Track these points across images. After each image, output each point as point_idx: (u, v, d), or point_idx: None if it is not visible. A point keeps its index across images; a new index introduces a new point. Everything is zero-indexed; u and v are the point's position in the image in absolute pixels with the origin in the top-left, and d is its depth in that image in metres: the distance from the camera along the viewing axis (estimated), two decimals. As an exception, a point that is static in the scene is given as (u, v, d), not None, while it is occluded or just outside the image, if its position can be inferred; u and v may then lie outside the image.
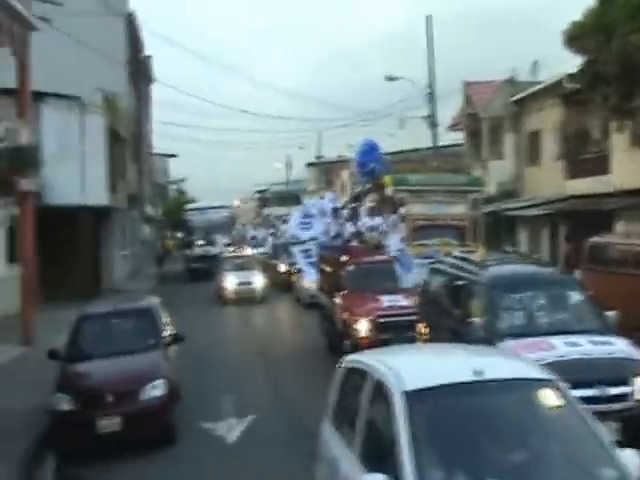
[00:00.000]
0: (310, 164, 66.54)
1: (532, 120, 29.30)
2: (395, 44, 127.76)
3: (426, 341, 11.55)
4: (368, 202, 20.60)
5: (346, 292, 15.40)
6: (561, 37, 19.43)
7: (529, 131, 29.68)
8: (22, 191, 16.88)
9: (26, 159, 16.02)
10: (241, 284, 27.39)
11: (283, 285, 29.45)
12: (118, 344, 11.16)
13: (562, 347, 8.63)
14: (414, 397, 5.10)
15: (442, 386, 5.22)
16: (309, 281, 20.71)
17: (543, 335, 8.99)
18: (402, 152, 40.81)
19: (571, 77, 22.73)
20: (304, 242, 17.24)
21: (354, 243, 18.02)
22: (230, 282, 27.56)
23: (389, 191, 20.28)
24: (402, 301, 14.29)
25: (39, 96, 22.54)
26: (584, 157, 25.36)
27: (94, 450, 9.70)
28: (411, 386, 5.20)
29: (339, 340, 14.93)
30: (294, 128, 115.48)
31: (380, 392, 5.43)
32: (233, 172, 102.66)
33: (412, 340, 12.27)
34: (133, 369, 10.52)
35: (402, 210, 18.97)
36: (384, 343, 12.92)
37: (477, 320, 9.45)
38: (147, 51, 42.60)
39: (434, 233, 19.59)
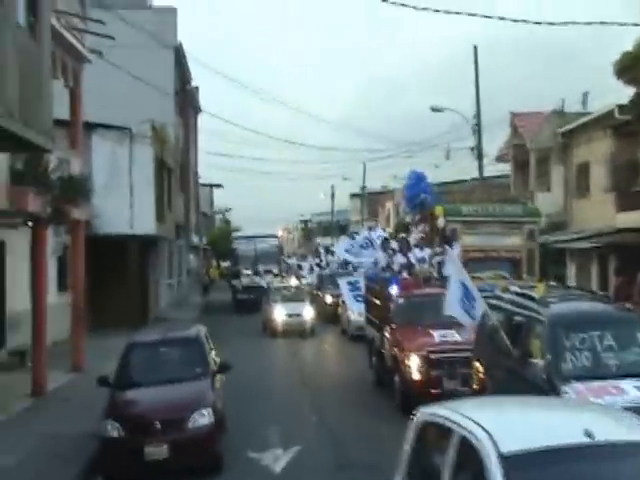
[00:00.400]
0: (354, 195, 66.69)
1: (581, 151, 28.95)
2: (439, 73, 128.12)
3: (482, 381, 11.01)
4: (417, 233, 20.30)
5: (396, 326, 14.78)
6: (612, 68, 19.33)
7: (578, 163, 29.31)
8: (74, 220, 17.23)
9: (77, 188, 16.36)
10: (290, 316, 26.86)
11: (329, 317, 29.09)
12: (166, 372, 11.26)
13: (633, 391, 8.18)
14: (513, 462, 4.28)
15: (547, 449, 4.37)
16: (355, 313, 20.33)
17: (611, 378, 8.54)
18: (447, 183, 40.63)
19: (622, 108, 22.52)
20: (352, 271, 17.12)
21: (404, 275, 17.42)
22: (279, 313, 27.08)
23: (440, 222, 19.76)
24: (455, 336, 13.49)
25: (90, 127, 23.06)
26: (635, 189, 24.93)
27: (142, 477, 9.72)
28: (509, 448, 4.37)
29: (388, 375, 14.56)
30: (337, 159, 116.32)
31: (468, 454, 4.62)
32: (277, 202, 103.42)
33: (466, 378, 11.79)
34: (180, 397, 10.58)
35: (458, 242, 18.33)
36: (436, 380, 12.86)
37: (538, 361, 9.01)
38: (194, 81, 43.42)
39: (487, 266, 18.86)
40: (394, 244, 18.82)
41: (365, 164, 57.84)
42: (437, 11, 15.04)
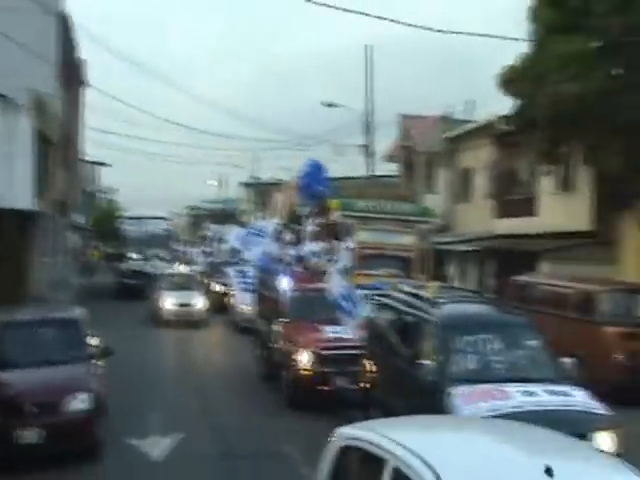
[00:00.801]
0: (244, 184, 66.50)
1: (465, 157, 30.16)
2: (335, 70, 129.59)
3: (371, 379, 11.04)
4: (312, 226, 19.95)
5: (287, 320, 14.43)
6: (496, 79, 20.18)
7: (462, 168, 30.52)
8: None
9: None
10: (181, 305, 25.61)
11: (217, 306, 27.82)
12: (41, 354, 10.87)
13: (518, 397, 8.20)
14: None
15: None
16: (245, 304, 19.71)
17: (497, 382, 8.51)
18: (337, 179, 41.25)
19: (504, 119, 23.58)
20: (242, 260, 16.95)
21: (296, 268, 17.05)
22: (168, 302, 25.69)
23: (336, 216, 19.48)
24: (347, 333, 13.14)
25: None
26: (512, 198, 26.24)
27: (15, 462, 9.44)
28: None
29: (276, 369, 14.40)
30: (229, 146, 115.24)
31: None
32: (165, 186, 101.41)
33: (356, 375, 11.80)
34: (56, 380, 10.28)
35: (350, 238, 17.94)
36: (327, 377, 12.78)
37: (428, 362, 8.88)
38: (82, 55, 41.88)
39: (381, 263, 18.79)
40: (288, 235, 18.71)
41: (257, 154, 57.84)
42: (331, 7, 15.10)
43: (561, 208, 22.60)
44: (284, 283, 15.25)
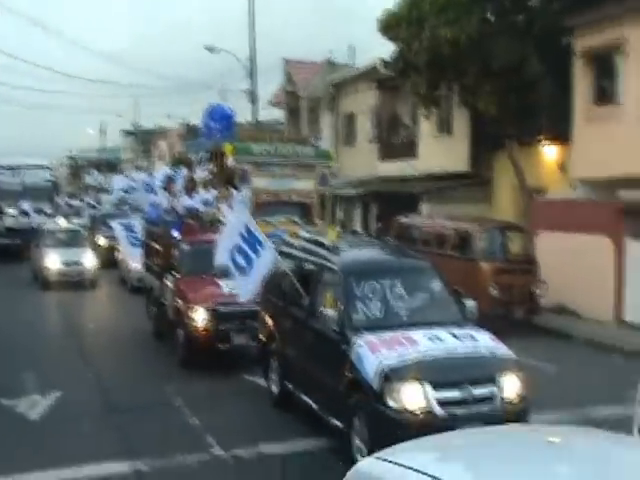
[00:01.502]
0: (126, 132, 64.58)
1: (348, 102, 30.44)
2: (217, 14, 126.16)
3: (269, 332, 10.52)
4: (203, 172, 18.60)
5: (179, 275, 13.47)
6: (377, 24, 20.40)
7: (345, 113, 30.81)
8: None
9: None
10: (67, 264, 23.03)
11: (104, 261, 25.05)
12: None
13: (424, 342, 7.94)
14: None
15: None
16: (135, 261, 18.27)
17: (402, 328, 8.26)
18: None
19: (385, 64, 23.91)
20: (128, 212, 16.18)
21: (187, 219, 15.61)
22: (53, 261, 23.02)
23: (230, 161, 18.26)
24: None
25: None
26: (395, 141, 26.82)
27: None
28: None
29: (169, 328, 13.68)
30: (109, 93, 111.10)
31: None
32: (46, 136, 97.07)
33: (254, 331, 11.43)
34: None
35: (247, 184, 17.67)
36: (224, 335, 12.10)
37: (330, 311, 8.51)
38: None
39: (278, 210, 17.95)
40: (178, 184, 17.37)
41: (138, 100, 56.15)
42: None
43: (441, 150, 23.30)
44: (176, 235, 14.31)
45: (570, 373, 12.09)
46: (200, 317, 12.12)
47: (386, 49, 22.11)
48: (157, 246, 15.24)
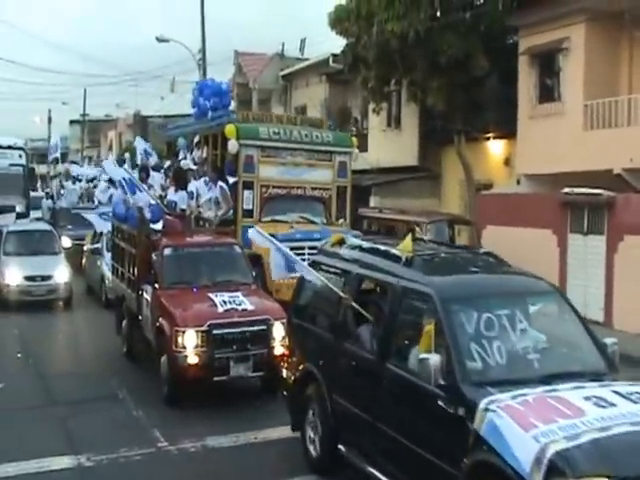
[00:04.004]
0: (74, 121, 63.47)
1: (299, 95, 30.50)
2: (167, 4, 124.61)
3: (306, 374, 7.71)
4: (190, 161, 16.32)
5: (160, 285, 10.56)
6: (327, 18, 20.47)
7: (296, 105, 30.85)
8: None
9: None
10: (31, 279, 16.87)
11: (70, 267, 17.85)
12: None
13: (589, 408, 5.23)
14: None
15: None
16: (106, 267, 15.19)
17: (541, 383, 5.61)
18: (173, 116, 40.38)
19: (335, 57, 24.04)
20: (98, 206, 13.55)
21: (170, 216, 12.47)
22: (13, 275, 16.91)
23: (232, 146, 14.98)
24: (244, 302, 9.98)
25: None
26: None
27: None
28: None
29: (146, 350, 11.28)
30: (56, 81, 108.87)
31: None
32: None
33: (259, 360, 9.55)
34: None
35: (251, 174, 15.07)
36: (221, 364, 9.50)
37: (428, 356, 5.71)
38: None
39: (290, 206, 15.20)
40: (157, 175, 15.27)
41: (86, 89, 55.22)
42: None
43: (390, 144, 23.55)
44: (156, 236, 11.48)
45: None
46: (191, 342, 9.49)
47: (339, 42, 22.24)
48: (129, 248, 12.14)
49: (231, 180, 14.86)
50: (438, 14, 18.42)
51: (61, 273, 17.12)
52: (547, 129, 17.18)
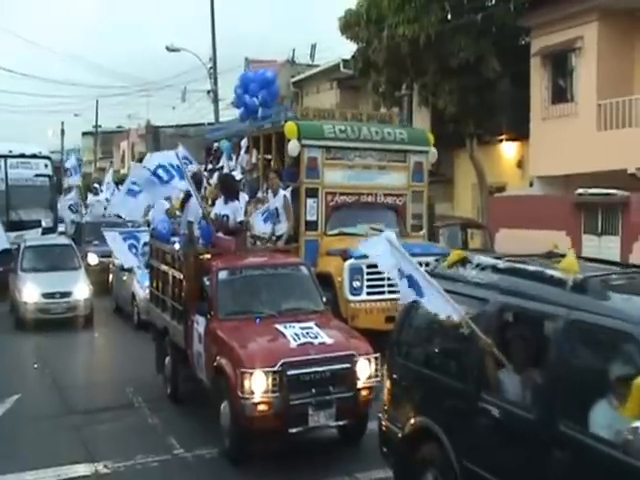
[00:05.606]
0: (86, 133, 63.86)
1: (310, 101, 30.48)
2: (178, 13, 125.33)
3: (420, 429, 5.92)
4: (243, 166, 14.66)
5: (216, 315, 8.62)
6: (337, 24, 20.50)
7: (307, 112, 30.87)
8: None
9: None
10: (50, 296, 15.81)
11: (95, 285, 16.73)
12: None
13: None
14: None
15: None
16: (142, 287, 13.80)
17: None
18: (184, 126, 40.56)
19: (345, 63, 24.05)
20: (131, 222, 12.55)
21: (222, 233, 10.25)
22: (30, 293, 15.84)
23: (293, 148, 12.69)
24: (320, 334, 8.01)
25: None
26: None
27: None
28: None
29: (197, 392, 9.39)
30: (68, 94, 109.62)
31: None
32: (3, 138, 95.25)
33: (342, 405, 7.57)
34: None
35: (314, 180, 12.76)
36: (298, 412, 7.49)
37: None
38: None
39: (359, 216, 12.89)
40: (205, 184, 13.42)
41: (98, 101, 55.51)
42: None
43: (402, 149, 23.43)
44: (208, 257, 9.49)
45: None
46: (261, 386, 7.57)
47: (349, 48, 22.28)
48: (174, 272, 10.16)
49: (288, 189, 12.47)
50: (449, 17, 18.43)
51: (81, 289, 16.07)
52: (560, 130, 17.07)
